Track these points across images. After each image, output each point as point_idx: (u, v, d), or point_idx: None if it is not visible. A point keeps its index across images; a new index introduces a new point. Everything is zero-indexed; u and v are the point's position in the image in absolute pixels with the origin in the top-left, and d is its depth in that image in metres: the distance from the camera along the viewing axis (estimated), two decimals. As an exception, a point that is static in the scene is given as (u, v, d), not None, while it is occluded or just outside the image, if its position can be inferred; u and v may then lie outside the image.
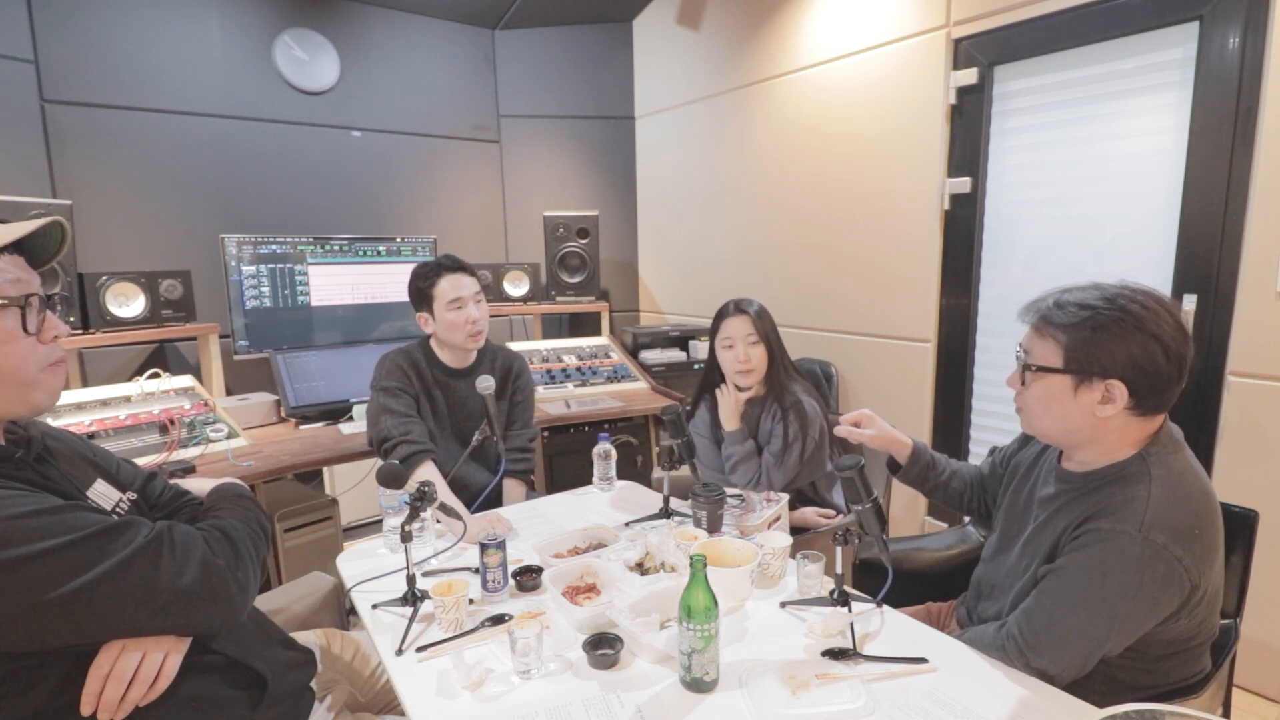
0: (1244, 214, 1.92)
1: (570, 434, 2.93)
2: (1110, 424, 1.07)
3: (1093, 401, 1.06)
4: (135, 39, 2.94)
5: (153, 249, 3.03)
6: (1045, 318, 1.10)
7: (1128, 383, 1.03)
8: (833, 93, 2.90)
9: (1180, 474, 1.05)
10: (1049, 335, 1.09)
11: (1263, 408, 1.91)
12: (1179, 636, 1.10)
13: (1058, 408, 1.10)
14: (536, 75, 3.97)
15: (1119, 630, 1.03)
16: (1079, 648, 1.04)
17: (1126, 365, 1.03)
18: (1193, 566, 1.00)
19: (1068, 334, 1.06)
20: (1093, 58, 2.18)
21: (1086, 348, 1.04)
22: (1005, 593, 1.23)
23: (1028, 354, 1.13)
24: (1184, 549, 0.99)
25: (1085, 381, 1.06)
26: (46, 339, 0.95)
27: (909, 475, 1.52)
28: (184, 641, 0.95)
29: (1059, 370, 1.07)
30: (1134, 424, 1.08)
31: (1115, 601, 1.01)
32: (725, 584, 1.27)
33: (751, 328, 1.98)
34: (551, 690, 1.09)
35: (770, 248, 3.32)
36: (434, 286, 2.00)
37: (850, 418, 1.50)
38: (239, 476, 1.63)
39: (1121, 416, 1.06)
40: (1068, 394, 1.08)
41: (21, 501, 0.84)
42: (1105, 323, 1.03)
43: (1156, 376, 1.03)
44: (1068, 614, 1.04)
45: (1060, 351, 1.07)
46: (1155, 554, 0.99)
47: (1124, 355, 1.02)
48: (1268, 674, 1.98)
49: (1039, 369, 1.10)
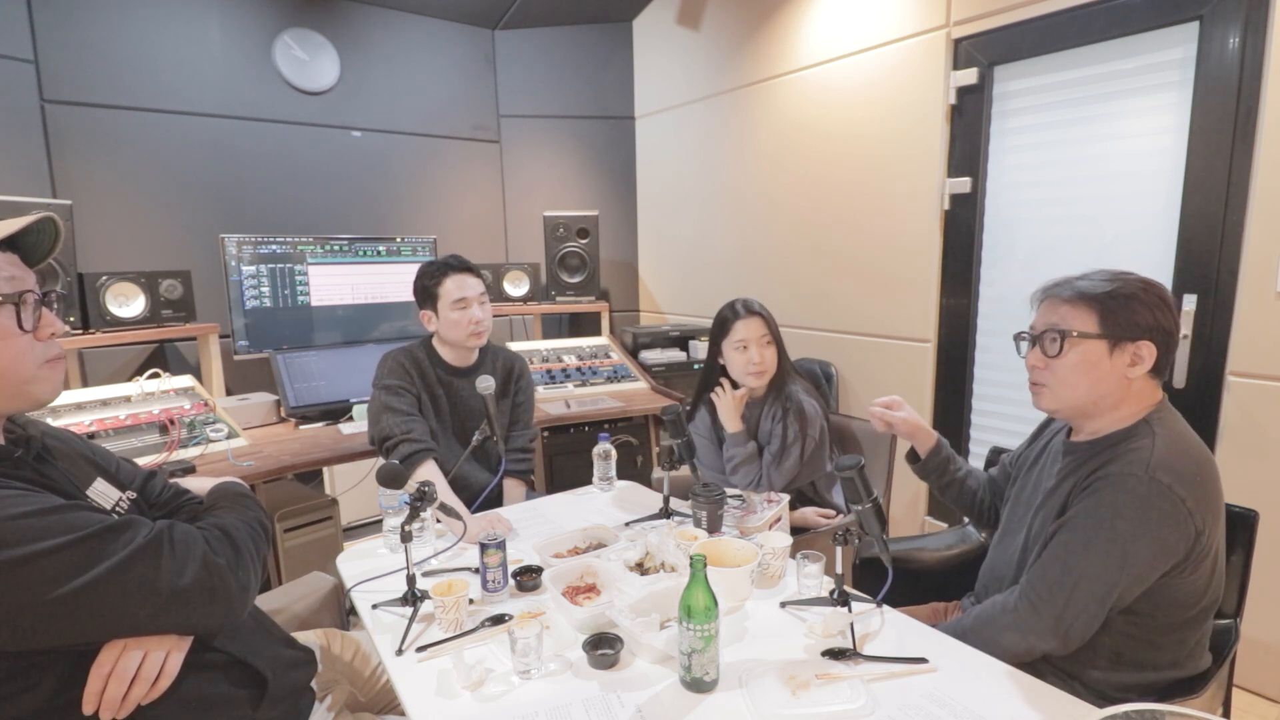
0: (1244, 214, 1.92)
1: (570, 434, 2.93)
2: (1134, 386, 1.17)
3: (1124, 364, 1.15)
4: (135, 39, 2.94)
5: (153, 249, 3.03)
6: (1077, 291, 1.18)
7: (1156, 343, 1.13)
8: (833, 93, 2.90)
9: (1181, 432, 1.15)
10: (1082, 305, 1.17)
11: (1263, 408, 1.91)
12: (1185, 598, 1.13)
13: (1094, 372, 1.17)
14: (536, 75, 3.97)
15: (1129, 573, 1.07)
16: (1092, 593, 1.08)
17: (1154, 329, 1.13)
18: (1195, 510, 1.07)
19: (1101, 303, 1.15)
20: (1093, 58, 2.18)
21: (1123, 313, 1.14)
22: (1012, 569, 1.27)
23: (1060, 325, 1.19)
24: (1187, 491, 1.06)
25: (1118, 344, 1.15)
26: (44, 336, 0.95)
27: (928, 466, 1.56)
28: (185, 640, 0.95)
29: (1097, 335, 1.15)
30: (1149, 386, 1.18)
31: (1125, 542, 1.06)
32: (725, 584, 1.27)
33: (765, 329, 1.99)
34: (551, 690, 1.09)
35: (770, 248, 3.32)
36: (439, 285, 2.00)
37: (883, 401, 1.54)
38: (239, 476, 1.63)
39: (1143, 379, 1.16)
40: (1104, 357, 1.16)
41: (22, 501, 0.84)
42: (1133, 291, 1.15)
43: (1171, 338, 1.15)
44: (1079, 559, 1.09)
45: (1096, 318, 1.16)
46: (1160, 492, 1.05)
47: (1150, 320, 1.13)
48: (1268, 674, 1.98)
49: (1080, 334, 1.17)
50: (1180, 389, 2.06)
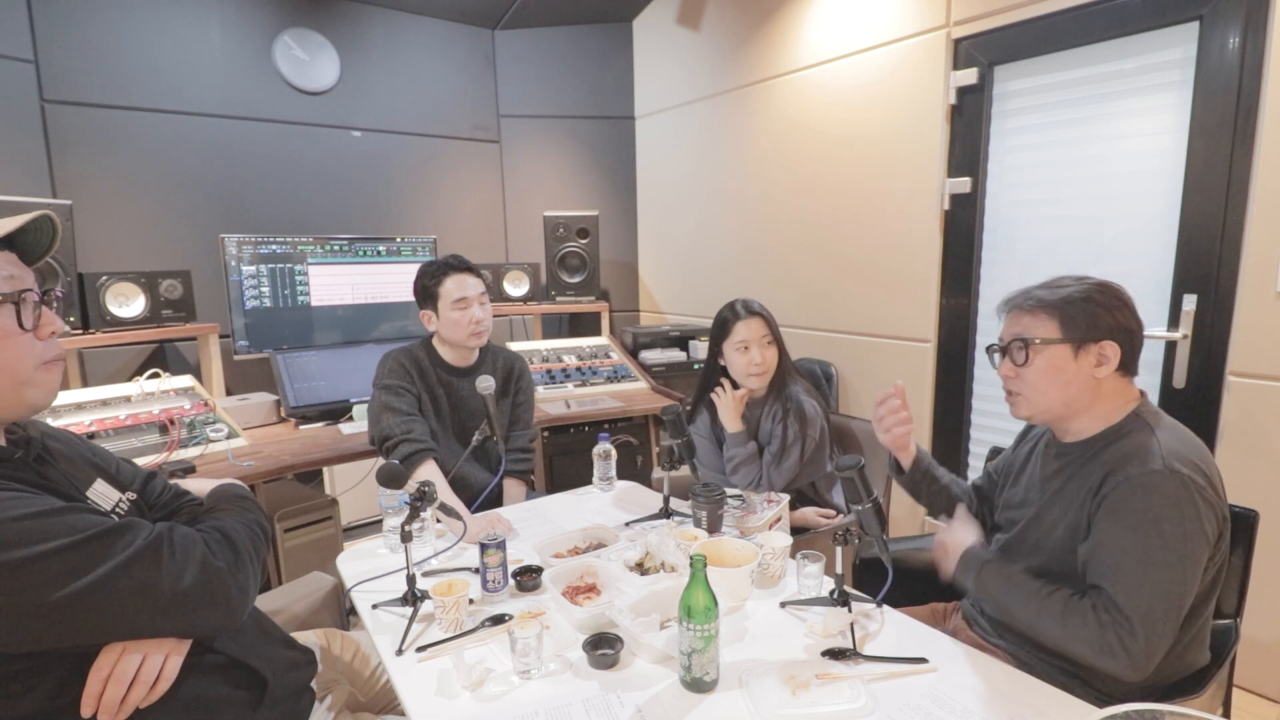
0: (1244, 214, 1.91)
1: (570, 434, 2.93)
2: (1105, 385, 1.20)
3: (1090, 365, 1.18)
4: (135, 39, 2.94)
5: (153, 249, 3.03)
6: (1037, 300, 1.22)
7: (1119, 342, 1.17)
8: (833, 93, 2.90)
9: (1174, 425, 1.18)
10: (1042, 313, 1.21)
11: (1263, 408, 1.91)
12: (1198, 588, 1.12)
13: (1061, 376, 1.20)
14: (536, 75, 3.97)
15: (1190, 573, 1.07)
16: (1167, 613, 1.05)
17: (1114, 328, 1.17)
18: (1214, 498, 1.09)
19: (1060, 309, 1.19)
20: (1093, 58, 2.18)
21: (1082, 316, 1.18)
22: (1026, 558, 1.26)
23: (1024, 334, 1.22)
24: (1204, 479, 1.09)
25: (1082, 346, 1.18)
26: (44, 335, 0.95)
27: (914, 476, 1.54)
28: (184, 643, 0.95)
29: (1059, 340, 1.19)
30: (1121, 386, 1.21)
31: (1177, 545, 1.06)
32: (725, 584, 1.27)
33: (766, 329, 1.99)
34: (551, 690, 1.09)
35: (770, 248, 3.32)
36: (440, 285, 2.00)
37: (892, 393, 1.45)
38: (239, 476, 1.63)
39: (1112, 378, 1.20)
40: (1069, 361, 1.19)
41: (21, 503, 0.84)
42: (1090, 294, 1.19)
43: (1134, 336, 1.19)
44: (1142, 581, 1.05)
45: (1057, 324, 1.19)
46: (1186, 483, 1.07)
47: (1110, 320, 1.17)
48: (1268, 674, 1.98)
49: (1043, 341, 1.20)
50: (1180, 389, 2.06)
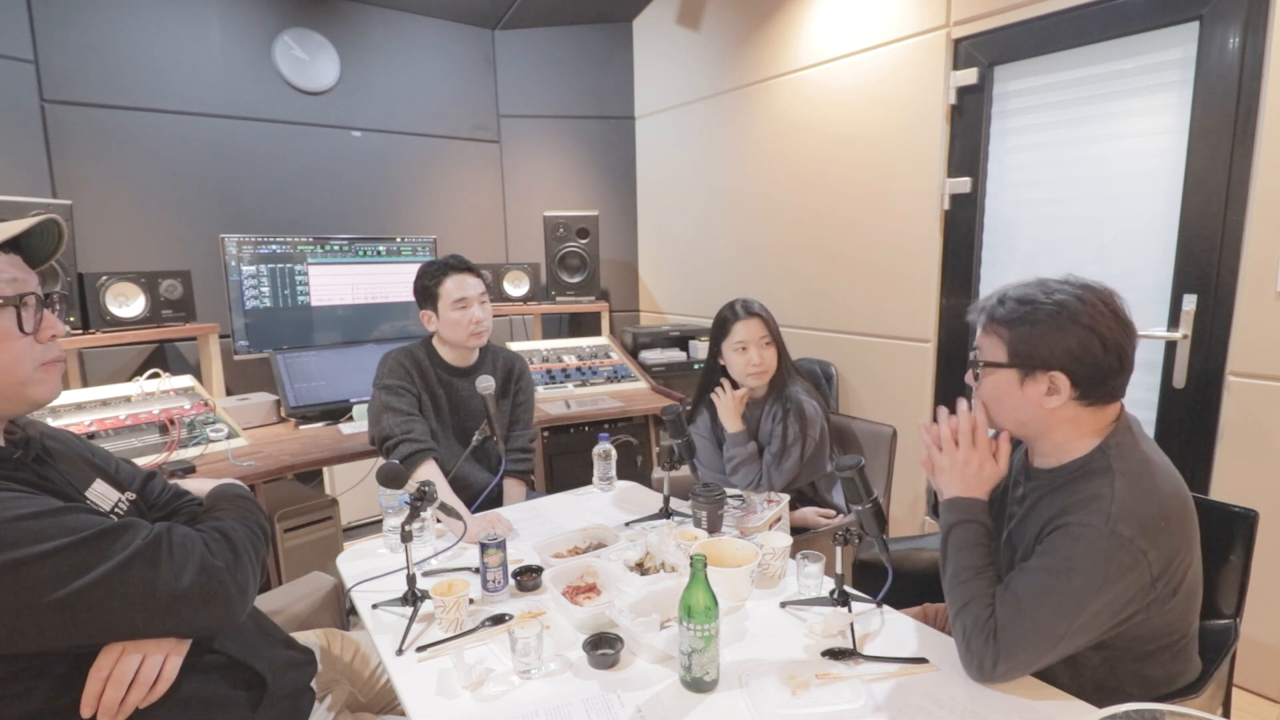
0: (1244, 214, 1.91)
1: (570, 434, 2.93)
2: (1060, 415, 1.10)
3: (1039, 394, 1.09)
4: (135, 39, 2.94)
5: (153, 249, 3.03)
6: (990, 315, 1.14)
7: (1069, 373, 1.06)
8: (833, 93, 2.90)
9: (1141, 465, 1.06)
10: (993, 332, 1.13)
11: (1263, 408, 1.91)
12: (1157, 632, 1.08)
13: (1008, 401, 1.13)
14: (536, 75, 3.97)
15: (1082, 623, 1.01)
16: (1038, 644, 1.02)
17: (1065, 357, 1.06)
18: (1156, 560, 1.00)
19: (1010, 329, 1.10)
20: (1093, 58, 2.18)
21: (1028, 341, 1.08)
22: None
23: (977, 352, 1.17)
24: (1149, 542, 1.00)
25: (1030, 374, 1.09)
26: (44, 338, 0.95)
27: None
28: (184, 643, 0.95)
29: (1005, 365, 1.11)
30: (1085, 414, 1.10)
31: (1079, 595, 1.00)
32: (725, 584, 1.27)
33: (765, 329, 1.99)
34: (551, 690, 1.09)
35: (770, 248, 3.32)
36: (440, 285, 2.00)
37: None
38: (239, 476, 1.63)
39: (1070, 407, 1.09)
40: (1015, 388, 1.11)
41: (21, 503, 0.84)
42: (1042, 317, 1.07)
43: (1095, 367, 1.06)
44: (1032, 608, 1.02)
45: (1004, 347, 1.11)
46: (1121, 546, 0.99)
47: (1062, 348, 1.06)
48: (1268, 674, 1.98)
49: (987, 364, 1.14)
50: (1180, 389, 2.06)
